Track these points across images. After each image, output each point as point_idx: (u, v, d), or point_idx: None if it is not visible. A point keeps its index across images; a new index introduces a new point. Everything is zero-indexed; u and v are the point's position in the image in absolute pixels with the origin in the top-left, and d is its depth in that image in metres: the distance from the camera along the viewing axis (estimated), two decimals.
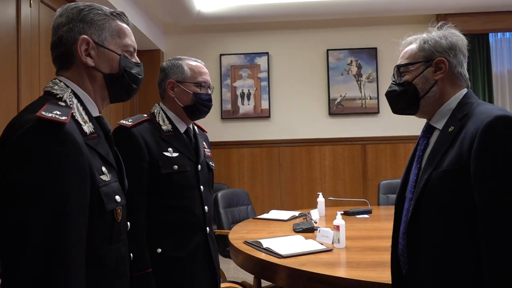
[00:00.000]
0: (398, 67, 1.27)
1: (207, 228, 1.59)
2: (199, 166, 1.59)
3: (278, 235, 2.47)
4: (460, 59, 1.20)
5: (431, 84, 1.21)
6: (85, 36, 0.99)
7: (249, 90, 5.25)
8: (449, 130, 1.14)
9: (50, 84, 0.99)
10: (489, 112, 1.05)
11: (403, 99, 1.26)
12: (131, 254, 1.10)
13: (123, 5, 4.06)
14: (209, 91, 1.65)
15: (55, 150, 0.83)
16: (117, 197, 0.98)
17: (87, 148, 0.92)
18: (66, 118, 0.86)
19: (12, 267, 0.80)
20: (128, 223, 1.10)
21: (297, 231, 2.56)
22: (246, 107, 5.24)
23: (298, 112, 5.19)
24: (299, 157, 5.18)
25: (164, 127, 1.55)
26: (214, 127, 5.23)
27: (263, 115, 5.22)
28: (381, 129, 5.01)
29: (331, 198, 3.30)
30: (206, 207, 1.58)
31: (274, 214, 3.21)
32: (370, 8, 4.66)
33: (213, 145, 5.10)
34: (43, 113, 0.84)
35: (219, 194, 3.41)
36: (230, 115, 5.25)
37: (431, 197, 1.12)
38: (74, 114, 0.94)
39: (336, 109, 5.14)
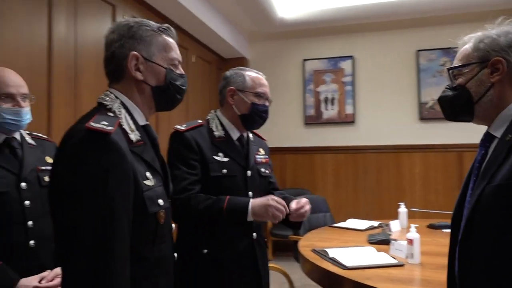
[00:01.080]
0: (450, 69, 1.14)
1: (254, 234, 1.59)
2: (249, 172, 1.60)
3: (350, 245, 2.37)
4: None
5: (487, 87, 1.06)
6: (135, 52, 1.06)
7: (332, 94, 5.15)
8: (507, 138, 0.99)
9: (102, 96, 1.07)
10: None
11: (456, 105, 1.13)
12: (175, 254, 1.15)
13: (209, 18, 4.27)
14: (267, 103, 1.66)
15: (103, 157, 0.90)
16: (160, 201, 1.03)
17: (133, 155, 0.99)
18: (112, 128, 0.93)
19: (68, 261, 0.90)
20: (173, 224, 1.15)
21: (371, 242, 2.43)
22: (329, 112, 5.15)
23: (385, 117, 4.95)
24: (386, 164, 4.93)
25: (216, 133, 1.60)
26: (297, 132, 5.24)
27: (348, 120, 5.07)
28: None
29: (414, 209, 3.07)
30: None
31: (351, 223, 3.09)
32: (465, 3, 4.26)
33: (295, 150, 5.15)
34: (92, 124, 0.92)
35: None
36: (313, 120, 5.19)
37: (483, 215, 0.98)
38: (122, 123, 1.01)
39: (428, 114, 4.78)
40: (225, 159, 1.56)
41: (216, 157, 1.55)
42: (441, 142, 4.68)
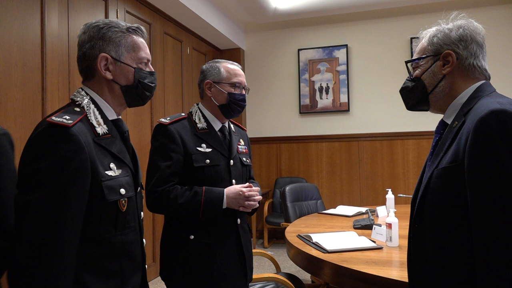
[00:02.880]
0: (406, 62, 1.23)
1: (238, 219, 1.68)
2: (231, 161, 1.68)
3: (335, 230, 2.46)
4: (472, 50, 1.11)
5: (439, 79, 1.14)
6: (104, 54, 1.13)
7: (327, 84, 5.21)
8: (453, 125, 1.07)
9: (75, 93, 1.15)
10: (487, 105, 0.96)
11: (413, 95, 1.21)
12: (144, 240, 1.24)
13: (203, 10, 4.32)
14: (243, 92, 1.73)
15: (60, 147, 0.98)
16: (122, 190, 1.10)
17: (98, 146, 1.06)
18: (71, 122, 1.00)
19: (17, 236, 0.96)
20: (142, 213, 1.23)
21: (355, 227, 2.52)
22: (324, 101, 5.21)
23: (379, 105, 5.01)
24: (380, 151, 5.00)
25: (199, 125, 1.68)
26: (292, 121, 5.31)
27: (342, 109, 5.14)
28: None
29: (401, 195, 3.16)
30: None
31: (340, 209, 3.18)
32: None
33: (291, 139, 5.24)
34: (53, 118, 1.00)
35: (287, 188, 3.47)
36: (308, 109, 5.26)
37: (431, 197, 1.06)
38: (89, 117, 1.09)
39: None
40: (208, 150, 1.64)
41: (199, 148, 1.63)
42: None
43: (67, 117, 1.02)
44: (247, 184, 1.64)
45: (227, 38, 5.04)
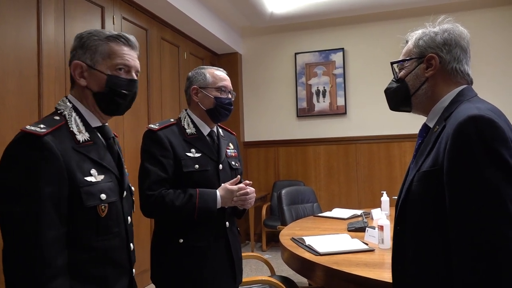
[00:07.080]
0: (392, 63, 1.25)
1: (227, 223, 1.70)
2: (220, 165, 1.71)
3: (329, 233, 2.48)
4: (456, 54, 1.13)
5: (422, 81, 1.16)
6: (77, 61, 1.16)
7: (324, 87, 5.24)
8: (435, 130, 1.09)
9: (59, 102, 1.19)
10: (466, 111, 0.98)
11: (397, 96, 1.23)
12: (132, 245, 1.24)
13: (200, 15, 4.36)
14: (230, 96, 1.76)
15: (32, 155, 1.01)
16: (103, 196, 1.11)
17: (78, 153, 1.09)
18: (44, 131, 1.03)
19: (4, 245, 1.00)
20: (129, 217, 1.25)
21: (349, 230, 2.54)
22: (321, 104, 5.24)
23: (376, 108, 5.02)
24: (377, 154, 5.02)
25: (188, 130, 1.70)
26: (289, 125, 5.34)
27: (339, 112, 5.16)
28: None
29: (396, 197, 3.17)
30: None
31: (336, 212, 3.20)
32: None
33: (288, 143, 5.26)
34: (27, 127, 1.03)
35: (283, 192, 3.50)
36: (305, 113, 5.29)
37: (412, 200, 1.08)
38: (69, 125, 1.12)
39: None
40: (197, 155, 1.67)
41: (188, 154, 1.65)
42: None
43: (42, 126, 1.05)
44: (241, 185, 1.66)
45: (224, 42, 5.08)
